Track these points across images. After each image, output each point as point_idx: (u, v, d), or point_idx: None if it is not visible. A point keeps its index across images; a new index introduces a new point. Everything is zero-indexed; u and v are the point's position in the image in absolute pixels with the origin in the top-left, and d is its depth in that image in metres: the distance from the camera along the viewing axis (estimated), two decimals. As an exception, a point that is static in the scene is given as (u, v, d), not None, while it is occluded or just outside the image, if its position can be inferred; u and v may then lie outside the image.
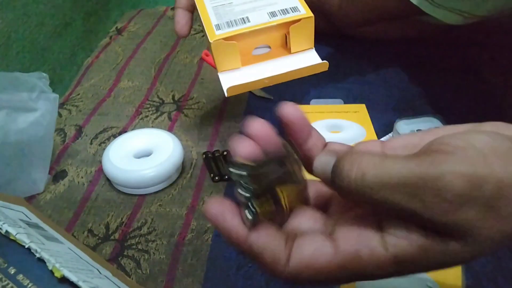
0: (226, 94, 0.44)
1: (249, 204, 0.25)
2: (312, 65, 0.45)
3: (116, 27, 0.91)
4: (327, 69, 0.46)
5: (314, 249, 0.25)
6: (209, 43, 0.43)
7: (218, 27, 0.44)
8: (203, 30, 0.48)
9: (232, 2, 0.48)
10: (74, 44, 0.85)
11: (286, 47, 0.46)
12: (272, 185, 0.26)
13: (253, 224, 0.25)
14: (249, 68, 0.45)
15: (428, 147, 0.24)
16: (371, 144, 0.29)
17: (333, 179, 0.25)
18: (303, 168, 0.29)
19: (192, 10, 0.51)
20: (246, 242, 0.26)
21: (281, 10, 0.45)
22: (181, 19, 0.50)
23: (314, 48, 0.46)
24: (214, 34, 0.43)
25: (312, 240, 0.26)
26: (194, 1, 0.50)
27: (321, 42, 0.80)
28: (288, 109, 0.28)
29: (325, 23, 0.76)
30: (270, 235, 0.26)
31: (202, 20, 0.46)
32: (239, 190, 0.25)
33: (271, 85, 0.45)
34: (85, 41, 0.89)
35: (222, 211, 0.26)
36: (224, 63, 0.44)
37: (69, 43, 0.84)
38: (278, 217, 0.27)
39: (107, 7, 0.98)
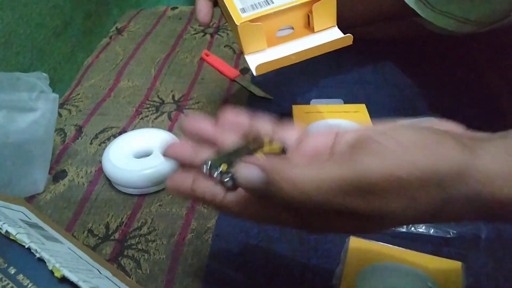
0: (254, 73, 0.45)
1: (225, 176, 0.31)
2: (336, 39, 0.46)
3: (116, 27, 0.91)
4: (351, 43, 0.47)
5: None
6: (235, 26, 0.44)
7: (243, 10, 0.45)
8: (225, 17, 0.49)
9: None
10: (74, 44, 0.85)
11: (309, 27, 0.47)
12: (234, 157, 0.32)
13: (234, 187, 0.31)
14: (275, 49, 0.46)
15: (355, 145, 0.27)
16: (321, 139, 0.32)
17: (266, 192, 0.27)
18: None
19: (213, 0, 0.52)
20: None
21: None
22: (204, 7, 0.50)
23: (336, 25, 0.48)
24: (240, 17, 0.44)
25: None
26: None
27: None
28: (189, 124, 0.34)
29: None
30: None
31: (226, 5, 0.47)
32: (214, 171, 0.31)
33: (298, 61, 0.45)
34: (85, 41, 0.89)
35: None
36: (251, 45, 0.45)
37: (69, 43, 0.84)
38: None
39: (107, 7, 0.98)
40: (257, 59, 0.45)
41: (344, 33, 0.46)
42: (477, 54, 0.74)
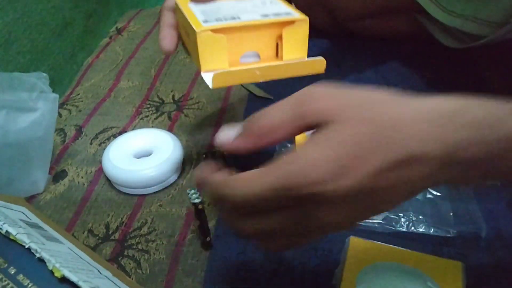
0: (211, 85, 0.40)
1: None
2: (307, 61, 0.42)
3: (116, 27, 0.91)
4: (323, 69, 0.42)
5: None
6: (194, 36, 0.39)
7: (205, 21, 0.40)
8: (183, 31, 0.43)
9: (221, 7, 0.44)
10: (74, 44, 0.85)
11: (277, 56, 0.43)
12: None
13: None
14: (237, 68, 0.41)
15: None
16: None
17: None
18: None
19: (178, 30, 0.48)
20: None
21: (274, 13, 0.42)
22: (167, 34, 0.47)
23: (307, 57, 0.43)
24: (200, 26, 0.39)
25: None
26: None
27: (321, 41, 0.80)
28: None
29: (326, 17, 0.76)
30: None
31: (186, 15, 0.42)
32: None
33: (263, 80, 0.41)
34: (85, 41, 0.89)
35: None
36: (210, 60, 0.40)
37: (69, 43, 0.84)
38: None
39: (107, 7, 0.98)
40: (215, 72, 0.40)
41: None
42: (478, 54, 0.74)
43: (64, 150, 0.60)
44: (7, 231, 0.31)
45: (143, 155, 0.55)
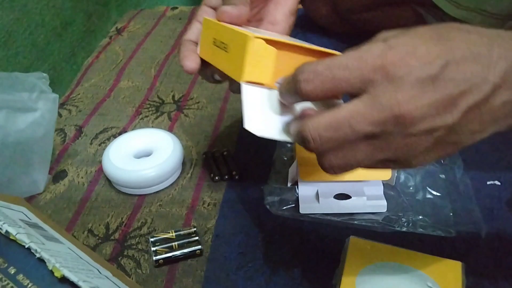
0: (255, 132, 0.35)
1: None
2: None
3: (116, 27, 0.91)
4: None
5: None
6: (240, 43, 0.36)
7: (254, 32, 0.37)
8: (214, 46, 0.41)
9: (260, 30, 0.42)
10: (74, 44, 0.85)
11: None
12: None
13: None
14: (275, 115, 0.36)
15: None
16: None
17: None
18: None
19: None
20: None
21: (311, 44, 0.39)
22: (189, 52, 0.44)
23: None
24: (251, 34, 0.35)
25: None
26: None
27: (321, 41, 0.80)
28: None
29: (328, 9, 0.76)
30: None
31: (229, 26, 0.39)
32: None
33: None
34: (85, 41, 0.89)
35: None
36: (254, 70, 0.36)
37: (69, 43, 0.84)
38: None
39: (107, 7, 0.98)
40: (256, 120, 0.35)
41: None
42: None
43: (64, 150, 0.60)
44: (7, 231, 0.31)
45: (143, 155, 0.55)
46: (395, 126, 0.28)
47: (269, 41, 0.36)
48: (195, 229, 0.48)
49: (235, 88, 0.39)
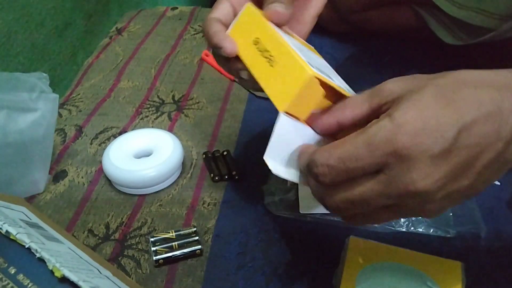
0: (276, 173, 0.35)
1: None
2: None
3: (116, 27, 0.91)
4: None
5: None
6: (295, 72, 0.34)
7: (309, 63, 0.35)
8: (263, 49, 0.37)
9: (304, 50, 0.39)
10: (74, 44, 0.85)
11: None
12: None
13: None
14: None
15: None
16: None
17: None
18: None
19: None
20: None
21: (347, 88, 0.38)
22: (227, 37, 0.40)
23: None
24: (308, 67, 0.34)
25: None
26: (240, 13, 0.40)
27: (322, 41, 0.80)
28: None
29: (329, 8, 0.76)
30: None
31: (278, 42, 0.36)
32: None
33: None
34: (85, 41, 0.89)
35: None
36: (298, 104, 0.34)
37: (69, 43, 0.84)
38: None
39: (107, 7, 0.98)
40: (277, 157, 0.35)
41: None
42: (478, 54, 0.74)
43: (64, 150, 0.60)
44: (7, 231, 0.31)
45: (143, 155, 0.55)
46: (411, 199, 0.29)
47: (322, 83, 0.34)
48: (195, 229, 0.48)
49: (251, 86, 0.40)
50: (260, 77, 0.37)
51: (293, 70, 0.34)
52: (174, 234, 0.47)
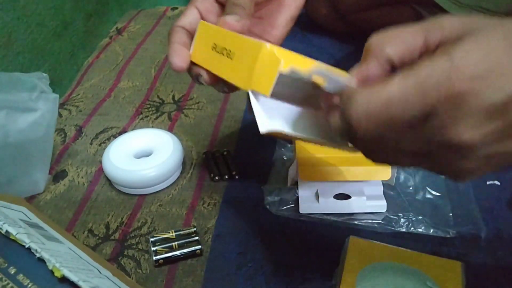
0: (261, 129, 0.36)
1: None
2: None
3: (116, 27, 0.91)
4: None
5: None
6: (251, 50, 0.34)
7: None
8: (214, 49, 0.38)
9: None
10: (74, 44, 0.85)
11: None
12: None
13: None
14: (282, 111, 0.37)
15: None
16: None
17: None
18: None
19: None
20: None
21: None
22: (180, 50, 0.41)
23: None
24: (264, 42, 0.34)
25: None
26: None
27: (321, 41, 0.80)
28: None
29: (329, 8, 0.76)
30: None
31: (233, 37, 0.37)
32: None
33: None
34: (85, 41, 0.89)
35: None
36: (260, 79, 0.34)
37: (69, 43, 0.84)
38: None
39: (107, 7, 0.98)
40: (265, 118, 0.36)
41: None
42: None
43: (64, 150, 0.60)
44: (7, 231, 0.31)
45: (143, 155, 0.55)
46: (450, 151, 0.26)
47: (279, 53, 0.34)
48: (195, 229, 0.48)
49: (221, 88, 0.41)
50: (222, 72, 0.38)
51: (250, 50, 0.34)
52: (174, 234, 0.47)
